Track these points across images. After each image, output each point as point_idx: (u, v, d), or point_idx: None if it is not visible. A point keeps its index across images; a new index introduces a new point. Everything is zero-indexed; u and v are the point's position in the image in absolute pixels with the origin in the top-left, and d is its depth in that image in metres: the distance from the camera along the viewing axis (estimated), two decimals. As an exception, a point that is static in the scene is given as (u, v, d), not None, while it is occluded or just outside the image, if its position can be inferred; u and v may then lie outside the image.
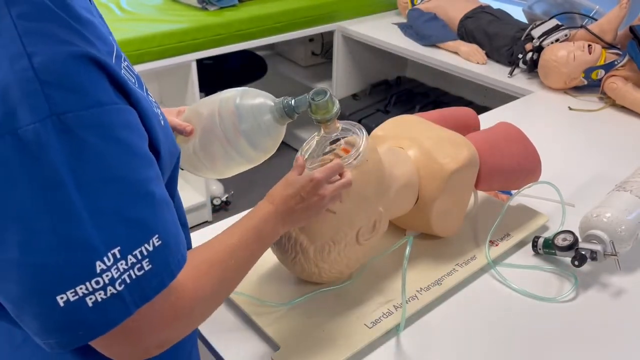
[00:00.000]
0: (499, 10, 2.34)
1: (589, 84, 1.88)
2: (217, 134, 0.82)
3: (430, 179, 1.03)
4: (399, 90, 2.80)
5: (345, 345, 0.90)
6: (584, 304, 1.02)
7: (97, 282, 0.49)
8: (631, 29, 1.78)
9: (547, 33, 2.01)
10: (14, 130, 0.45)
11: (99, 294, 0.50)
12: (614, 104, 1.82)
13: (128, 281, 0.51)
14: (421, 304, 0.98)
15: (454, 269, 1.06)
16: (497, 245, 1.12)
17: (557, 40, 1.98)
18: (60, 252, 0.48)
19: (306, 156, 0.92)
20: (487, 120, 1.54)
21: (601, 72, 1.85)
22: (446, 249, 1.11)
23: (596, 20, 2.06)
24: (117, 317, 0.52)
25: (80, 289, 0.49)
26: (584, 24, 2.09)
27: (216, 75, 2.83)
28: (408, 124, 1.12)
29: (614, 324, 0.98)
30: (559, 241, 1.06)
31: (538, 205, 1.25)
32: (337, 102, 0.84)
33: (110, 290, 0.50)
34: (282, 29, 2.49)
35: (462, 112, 1.26)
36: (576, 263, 1.02)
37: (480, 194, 1.24)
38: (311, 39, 3.00)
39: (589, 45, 1.87)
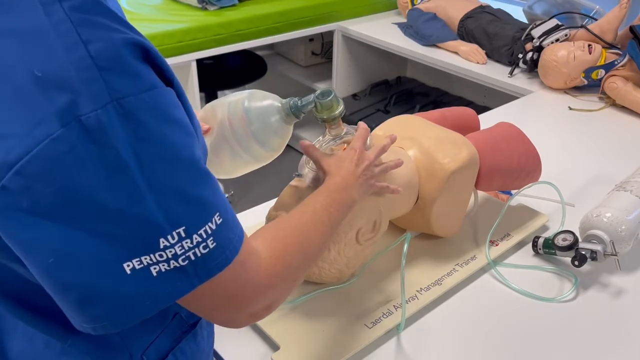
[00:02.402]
0: (499, 10, 2.34)
1: (589, 84, 1.88)
2: (227, 135, 0.85)
3: (430, 179, 1.02)
4: (399, 90, 2.80)
5: (345, 345, 0.90)
6: (584, 304, 1.02)
7: (161, 256, 0.51)
8: (631, 29, 1.78)
9: (547, 33, 2.01)
10: (78, 118, 0.47)
11: (163, 265, 0.52)
12: (614, 104, 1.82)
13: (193, 258, 0.53)
14: (421, 304, 0.98)
15: (454, 269, 1.06)
16: (497, 245, 1.12)
17: (557, 40, 1.98)
18: (127, 227, 0.50)
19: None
20: (487, 120, 1.54)
21: (601, 72, 1.84)
22: (446, 249, 1.11)
23: (596, 20, 2.06)
24: (180, 289, 0.54)
25: (145, 258, 0.51)
26: (584, 23, 2.09)
27: (216, 75, 2.82)
28: (408, 124, 1.12)
29: (614, 324, 0.98)
30: (559, 241, 1.06)
31: (538, 205, 1.25)
32: (342, 102, 0.87)
33: (173, 263, 0.52)
34: (282, 29, 2.49)
35: (462, 112, 1.26)
36: (576, 263, 1.02)
37: (480, 194, 1.24)
38: (311, 38, 3.00)
39: (589, 45, 1.87)
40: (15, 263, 0.56)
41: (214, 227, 0.54)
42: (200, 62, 2.32)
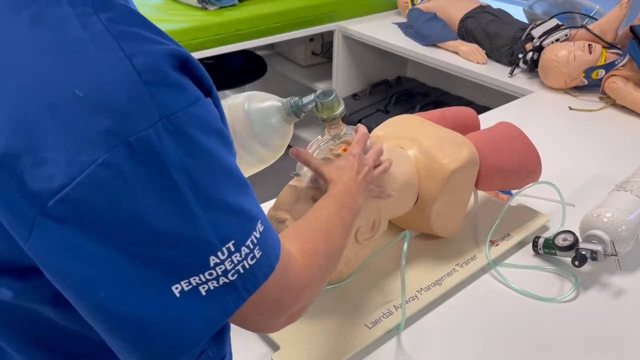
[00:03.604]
0: (499, 10, 2.34)
1: (590, 84, 1.88)
2: None
3: (430, 179, 1.02)
4: (399, 90, 2.80)
5: (345, 345, 0.89)
6: (584, 304, 1.02)
7: (210, 274, 0.49)
8: (631, 29, 1.78)
9: (548, 33, 2.01)
10: (125, 140, 0.44)
11: (212, 283, 0.50)
12: (614, 104, 1.82)
13: (241, 271, 0.51)
14: (421, 304, 0.98)
15: (454, 269, 1.06)
16: (497, 245, 1.12)
17: (557, 40, 1.98)
18: (177, 249, 0.48)
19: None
20: (487, 120, 1.54)
21: (601, 72, 1.84)
22: (446, 249, 1.11)
23: (596, 20, 2.06)
24: (231, 305, 0.52)
25: (194, 279, 0.49)
26: (584, 23, 2.09)
27: (216, 75, 2.81)
28: (408, 124, 1.12)
29: (614, 324, 0.98)
30: (559, 241, 1.06)
31: (538, 205, 1.25)
32: (343, 102, 0.87)
33: (222, 280, 0.50)
34: (282, 29, 2.49)
35: (462, 111, 1.26)
36: (576, 263, 1.01)
37: (480, 194, 1.24)
38: (311, 38, 3.00)
39: (590, 45, 1.87)
40: (46, 306, 0.53)
41: (258, 235, 0.53)
42: (200, 62, 2.31)
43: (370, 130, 1.09)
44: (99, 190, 0.44)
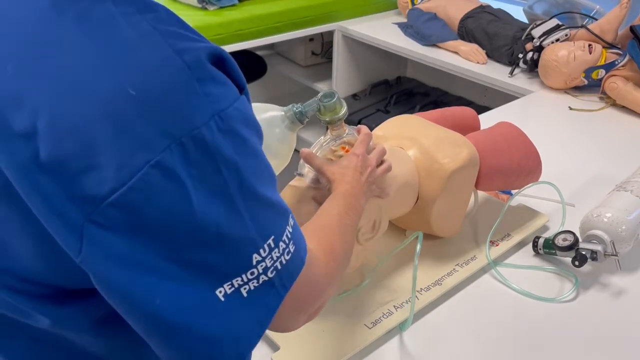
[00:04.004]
0: (499, 10, 2.34)
1: (590, 84, 1.88)
2: None
3: (430, 179, 1.02)
4: (399, 90, 2.80)
5: (345, 345, 0.89)
6: (584, 305, 1.02)
7: (252, 273, 0.49)
8: (631, 29, 1.78)
9: (548, 33, 2.01)
10: (179, 139, 0.42)
11: (253, 283, 0.49)
12: (614, 104, 1.82)
13: (279, 267, 0.51)
14: (421, 304, 0.98)
15: (454, 269, 1.06)
16: (497, 245, 1.12)
17: (557, 40, 1.98)
18: (224, 251, 0.47)
19: None
20: (487, 120, 1.53)
21: (601, 72, 1.84)
22: (446, 249, 1.11)
23: (596, 20, 2.06)
24: (272, 303, 0.51)
25: (236, 280, 0.48)
26: (584, 23, 2.09)
27: (216, 75, 2.82)
28: (408, 124, 1.12)
29: (615, 324, 0.98)
30: (559, 241, 1.06)
31: (538, 205, 1.25)
32: (345, 103, 0.87)
33: (262, 278, 0.50)
34: (282, 29, 2.48)
35: (462, 111, 1.26)
36: (576, 263, 1.01)
37: (480, 194, 1.24)
38: (311, 38, 3.00)
39: (590, 45, 1.87)
40: (83, 333, 0.52)
41: (291, 230, 0.53)
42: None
43: (370, 130, 1.10)
44: (150, 194, 0.42)
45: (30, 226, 0.45)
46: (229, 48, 2.33)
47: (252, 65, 2.97)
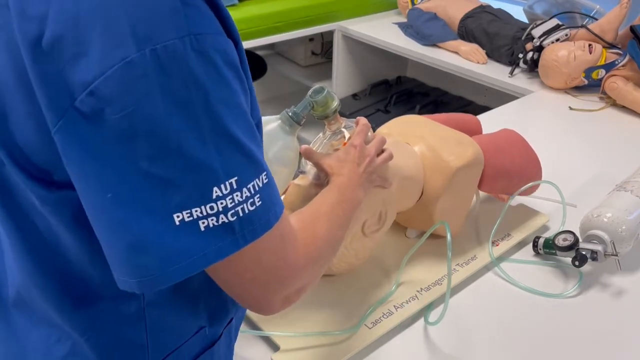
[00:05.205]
0: (499, 9, 2.34)
1: (590, 84, 1.88)
2: None
3: (435, 175, 1.03)
4: (399, 90, 2.79)
5: (345, 345, 0.89)
6: (584, 305, 1.02)
7: (212, 208, 0.50)
8: (632, 29, 1.78)
9: (548, 33, 2.01)
10: (154, 45, 0.47)
11: (211, 220, 0.50)
12: (614, 104, 1.82)
13: (241, 214, 0.52)
14: (421, 304, 0.98)
15: (454, 268, 1.06)
16: (497, 245, 1.12)
17: (557, 40, 1.98)
18: (184, 170, 0.49)
19: None
20: (487, 120, 1.54)
21: (602, 72, 1.84)
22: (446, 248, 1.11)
23: (597, 19, 2.06)
24: (227, 248, 0.52)
25: (195, 211, 0.50)
26: (584, 23, 2.09)
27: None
28: (414, 123, 1.13)
29: (615, 325, 0.98)
30: (560, 241, 1.06)
31: (539, 205, 1.25)
32: (336, 97, 0.88)
33: (222, 218, 0.51)
34: (282, 29, 2.48)
35: (465, 117, 1.27)
36: (576, 263, 1.01)
37: (481, 194, 1.24)
38: (311, 38, 3.00)
39: (590, 45, 1.87)
40: (62, 224, 0.56)
41: (261, 184, 0.53)
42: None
43: (373, 130, 1.10)
44: (123, 88, 0.46)
45: (33, 107, 0.50)
46: (229, 48, 2.33)
47: (252, 65, 2.96)
